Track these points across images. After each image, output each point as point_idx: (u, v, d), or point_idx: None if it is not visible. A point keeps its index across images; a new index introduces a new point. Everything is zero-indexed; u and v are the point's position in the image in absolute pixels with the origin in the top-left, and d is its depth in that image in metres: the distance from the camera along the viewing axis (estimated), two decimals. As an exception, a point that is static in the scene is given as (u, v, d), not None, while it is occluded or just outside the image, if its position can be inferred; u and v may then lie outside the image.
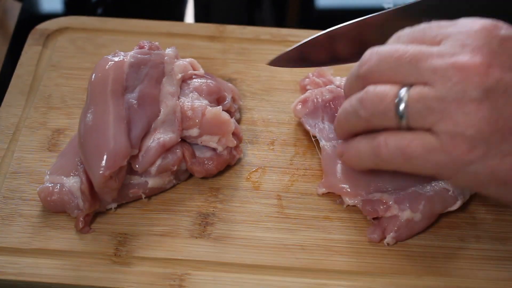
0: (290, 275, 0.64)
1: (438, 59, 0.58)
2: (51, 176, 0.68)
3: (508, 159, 0.57)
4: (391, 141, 0.60)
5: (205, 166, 0.69)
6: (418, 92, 0.58)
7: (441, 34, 0.60)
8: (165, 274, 0.64)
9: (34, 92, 0.78)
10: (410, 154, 0.59)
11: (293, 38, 0.85)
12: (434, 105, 0.58)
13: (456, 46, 0.58)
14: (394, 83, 0.60)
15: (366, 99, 0.61)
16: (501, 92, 0.57)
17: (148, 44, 0.73)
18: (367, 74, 0.62)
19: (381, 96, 0.60)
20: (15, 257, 0.65)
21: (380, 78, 0.61)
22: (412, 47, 0.60)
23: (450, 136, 0.57)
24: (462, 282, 0.64)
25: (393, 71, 0.60)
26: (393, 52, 0.60)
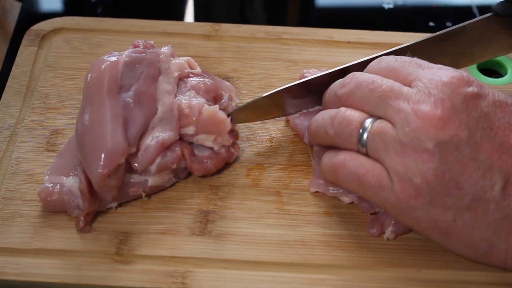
0: (292, 270, 0.64)
1: (404, 102, 0.61)
2: (50, 176, 0.68)
3: (450, 212, 0.60)
4: (349, 164, 0.63)
5: (204, 164, 0.69)
6: (380, 127, 0.61)
7: (414, 74, 0.63)
8: (167, 272, 0.64)
9: (30, 92, 0.78)
10: (364, 184, 0.62)
11: (288, 36, 0.86)
12: (391, 143, 0.60)
13: (423, 93, 0.61)
14: (364, 111, 0.63)
15: (336, 119, 0.64)
16: (453, 148, 0.59)
17: (142, 43, 0.73)
18: (343, 96, 0.65)
19: (348, 120, 0.63)
20: (16, 258, 0.64)
21: (354, 103, 0.64)
22: (386, 82, 0.63)
23: (399, 178, 0.60)
24: (462, 275, 0.64)
25: (365, 100, 0.63)
26: (369, 82, 0.63)
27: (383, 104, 0.62)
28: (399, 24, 0.90)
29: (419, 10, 0.96)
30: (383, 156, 0.61)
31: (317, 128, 0.67)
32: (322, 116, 0.67)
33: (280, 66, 0.82)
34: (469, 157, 0.59)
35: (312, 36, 0.86)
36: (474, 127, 0.60)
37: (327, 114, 0.66)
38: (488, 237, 0.60)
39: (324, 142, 0.67)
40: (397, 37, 0.86)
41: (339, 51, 0.84)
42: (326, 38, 0.85)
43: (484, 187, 0.59)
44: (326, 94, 0.69)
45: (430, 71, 0.63)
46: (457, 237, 0.61)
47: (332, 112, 0.65)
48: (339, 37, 0.86)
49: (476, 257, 0.62)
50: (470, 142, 0.59)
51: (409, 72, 0.63)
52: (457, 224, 0.60)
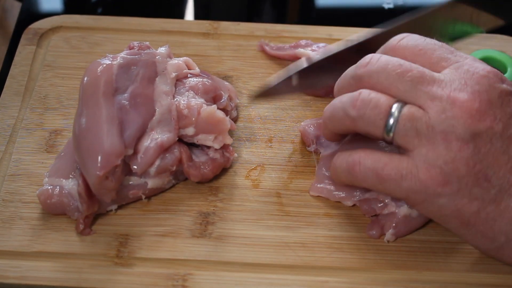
0: (292, 273, 0.64)
1: (438, 88, 0.60)
2: (50, 179, 0.68)
3: (475, 203, 0.60)
4: (366, 161, 0.62)
5: (201, 170, 0.69)
6: (412, 112, 0.60)
7: (448, 60, 0.62)
8: (168, 274, 0.64)
9: (29, 92, 0.78)
10: (384, 177, 0.61)
11: (288, 33, 0.85)
12: (423, 130, 0.59)
13: (458, 82, 0.60)
14: (390, 95, 0.61)
15: (359, 100, 0.62)
16: (487, 140, 0.59)
17: (137, 45, 0.73)
18: (365, 76, 0.63)
19: (375, 102, 0.61)
20: (17, 261, 0.64)
21: (377, 85, 0.62)
22: (416, 67, 0.61)
23: (428, 165, 0.59)
24: (462, 277, 0.64)
25: (392, 84, 0.61)
26: (396, 66, 0.61)
27: (414, 89, 0.60)
28: (399, 24, 0.90)
29: (419, 10, 0.96)
30: (414, 142, 0.60)
31: (333, 111, 0.64)
32: (339, 100, 0.64)
33: (279, 65, 0.82)
34: (501, 151, 0.59)
35: (311, 34, 0.85)
36: (507, 122, 0.60)
37: (345, 96, 0.63)
38: (508, 231, 0.60)
39: (341, 126, 0.64)
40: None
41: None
42: (325, 36, 0.85)
43: (510, 181, 0.59)
44: (338, 82, 0.66)
45: (465, 60, 0.62)
46: (477, 228, 0.60)
47: (353, 94, 0.62)
48: (339, 35, 0.85)
49: (491, 250, 0.62)
50: (503, 136, 0.59)
51: (441, 57, 0.62)
52: (480, 216, 0.60)
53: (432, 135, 0.59)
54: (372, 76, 0.62)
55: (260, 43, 0.83)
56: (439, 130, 0.59)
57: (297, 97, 0.78)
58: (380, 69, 0.62)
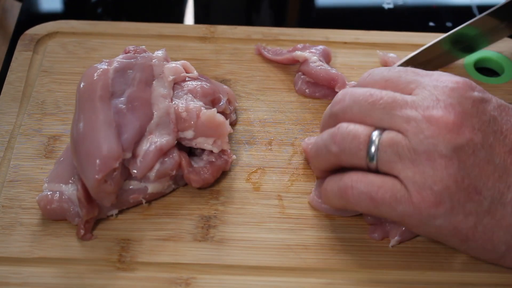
0: (295, 275, 0.64)
1: (412, 110, 0.60)
2: (49, 184, 0.68)
3: (471, 218, 0.59)
4: (358, 184, 0.61)
5: (202, 175, 0.69)
6: (391, 138, 0.60)
7: (415, 82, 0.62)
8: (170, 278, 0.63)
9: (27, 98, 0.78)
10: (378, 201, 0.61)
11: (285, 37, 0.86)
12: (405, 153, 0.59)
13: (430, 99, 0.60)
14: (367, 125, 0.62)
15: (338, 135, 0.62)
16: (470, 152, 0.59)
17: (133, 48, 0.73)
18: (339, 113, 0.63)
19: (353, 134, 0.61)
20: (18, 267, 0.64)
21: (353, 118, 0.62)
22: (386, 93, 0.62)
23: (418, 188, 0.59)
24: (466, 277, 0.64)
25: (366, 114, 0.62)
26: (367, 96, 0.62)
27: (388, 115, 0.60)
28: (399, 24, 0.90)
29: (419, 10, 0.96)
30: (398, 167, 0.59)
31: (317, 150, 0.65)
32: (320, 138, 0.65)
33: (277, 67, 0.82)
34: (485, 161, 0.59)
35: (308, 37, 0.85)
36: (486, 130, 0.59)
37: (325, 133, 0.64)
38: (507, 240, 0.60)
39: (326, 163, 0.65)
40: (394, 37, 0.86)
41: (336, 52, 0.83)
42: (322, 39, 0.85)
43: (501, 190, 0.59)
44: (321, 121, 0.68)
45: (431, 77, 0.62)
46: (476, 242, 0.60)
47: (331, 130, 0.63)
48: (335, 38, 0.85)
49: (493, 259, 0.62)
50: (484, 145, 0.59)
51: (408, 81, 0.62)
52: (477, 230, 0.60)
53: (415, 157, 0.59)
54: (346, 111, 0.63)
55: (257, 47, 0.83)
56: (421, 151, 0.59)
57: (295, 100, 0.78)
58: (353, 102, 0.62)
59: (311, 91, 0.79)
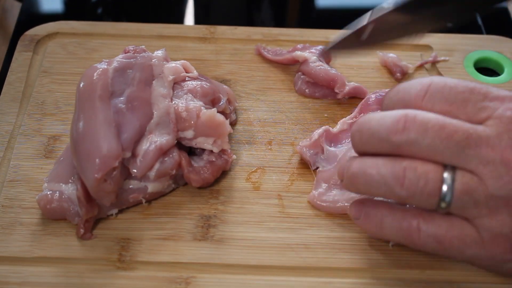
0: (295, 274, 0.64)
1: (489, 150, 0.55)
2: (49, 184, 0.68)
3: None
4: (425, 227, 0.58)
5: (202, 175, 0.69)
6: (466, 184, 0.56)
7: (486, 110, 0.56)
8: (170, 278, 0.63)
9: (27, 98, 0.78)
10: (447, 245, 0.58)
11: (285, 37, 0.86)
12: (481, 200, 0.56)
13: (505, 135, 0.55)
14: (435, 161, 0.56)
15: (405, 178, 0.56)
16: None
17: (133, 48, 0.73)
18: (403, 145, 0.57)
19: (424, 179, 0.56)
20: (18, 266, 0.64)
21: (418, 153, 0.56)
22: (459, 126, 0.56)
23: (493, 235, 0.56)
24: (465, 275, 0.64)
25: (436, 151, 0.56)
26: (439, 127, 0.56)
27: (462, 153, 0.55)
28: (398, 25, 0.90)
29: (419, 10, 0.96)
30: (473, 213, 0.56)
31: (370, 183, 0.58)
32: (376, 170, 0.57)
33: (277, 68, 0.82)
34: None
35: (308, 38, 0.85)
36: None
37: (384, 168, 0.57)
38: None
39: (380, 196, 0.59)
40: (393, 37, 0.86)
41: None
42: (322, 39, 0.85)
43: None
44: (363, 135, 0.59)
45: (503, 104, 0.56)
46: None
47: (395, 168, 0.57)
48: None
49: None
50: None
51: (478, 108, 0.56)
52: None
53: (492, 204, 0.55)
54: (412, 145, 0.56)
55: (257, 47, 0.83)
56: (499, 198, 0.55)
57: (295, 100, 0.79)
58: (420, 135, 0.56)
59: (311, 91, 0.79)
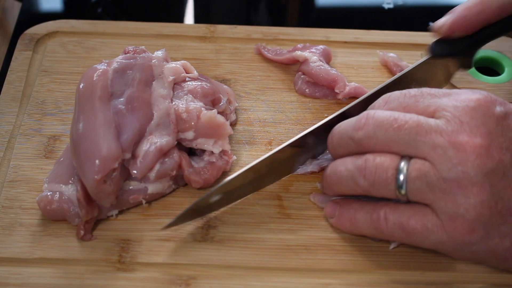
0: (295, 275, 0.64)
1: (437, 135, 0.58)
2: (49, 184, 0.68)
3: (507, 239, 0.59)
4: (390, 216, 0.61)
5: (202, 176, 0.69)
6: (419, 169, 0.58)
7: (434, 104, 0.61)
8: (170, 279, 0.63)
9: (27, 98, 0.78)
10: (410, 231, 0.60)
11: (285, 36, 0.85)
12: (434, 183, 0.58)
13: (453, 123, 0.58)
14: (392, 152, 0.60)
15: (366, 169, 0.61)
16: (501, 175, 0.57)
17: (133, 49, 0.73)
18: (363, 140, 0.62)
19: (381, 168, 0.60)
20: (18, 267, 0.64)
21: (377, 145, 0.61)
22: (410, 117, 0.60)
23: (450, 217, 0.58)
24: (465, 277, 0.64)
25: (392, 140, 0.60)
26: (391, 120, 0.60)
27: (414, 142, 0.59)
28: (399, 24, 0.90)
29: (419, 10, 0.96)
30: (429, 197, 0.58)
31: (340, 180, 0.63)
32: (343, 167, 0.63)
33: (277, 67, 0.82)
34: None
35: (308, 37, 0.85)
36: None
37: (350, 163, 0.62)
38: None
39: (351, 192, 0.63)
40: (394, 36, 0.86)
41: (336, 51, 0.83)
42: (322, 38, 0.85)
43: None
44: (334, 138, 0.65)
45: (449, 98, 0.60)
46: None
47: (358, 161, 0.62)
48: (336, 37, 0.85)
49: None
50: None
51: (426, 104, 0.61)
52: None
53: (445, 186, 0.57)
54: (370, 138, 0.61)
55: (257, 46, 0.83)
56: (451, 180, 0.57)
57: (295, 100, 0.78)
58: (376, 127, 0.61)
59: (311, 91, 0.79)
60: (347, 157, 0.63)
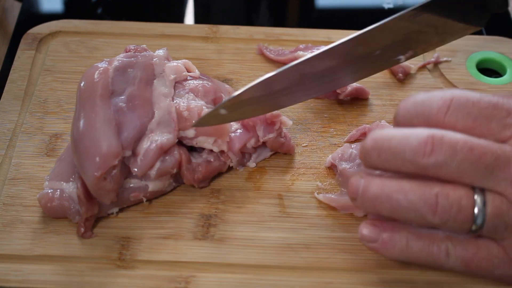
0: (295, 274, 0.64)
1: None
2: (50, 182, 0.68)
3: None
4: (453, 251, 0.59)
5: (195, 174, 0.69)
6: (498, 208, 0.56)
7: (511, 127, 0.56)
8: (171, 277, 0.64)
9: (29, 97, 0.78)
10: (474, 267, 0.59)
11: (287, 37, 0.86)
12: (510, 220, 0.56)
13: None
14: (463, 183, 0.56)
15: (438, 206, 0.56)
16: None
17: (134, 47, 0.73)
18: (430, 168, 0.55)
19: (458, 206, 0.56)
20: (18, 264, 0.64)
21: (446, 175, 0.56)
22: (488, 148, 0.55)
23: None
24: (465, 276, 0.64)
25: (465, 173, 0.55)
26: (468, 149, 0.55)
27: (492, 176, 0.55)
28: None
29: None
30: (504, 234, 0.57)
31: (397, 209, 0.57)
32: (404, 196, 0.56)
33: (279, 67, 0.81)
34: None
35: (310, 37, 0.85)
36: None
37: (413, 194, 0.56)
38: None
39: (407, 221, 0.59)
40: (396, 37, 0.85)
41: (338, 52, 0.83)
42: (324, 39, 0.85)
43: None
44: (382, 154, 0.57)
45: None
46: None
47: (425, 194, 0.56)
48: (338, 38, 0.84)
49: None
50: None
51: (502, 125, 0.56)
52: None
53: None
54: (441, 167, 0.55)
55: (259, 47, 0.83)
56: None
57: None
58: (449, 158, 0.55)
59: (313, 91, 0.79)
60: (405, 182, 0.57)
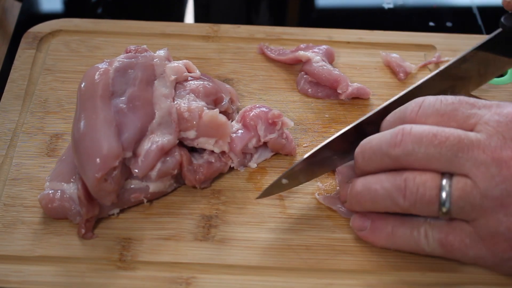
0: (296, 275, 0.64)
1: (480, 152, 0.57)
2: (51, 183, 0.68)
3: None
4: (430, 233, 0.61)
5: (196, 175, 0.69)
6: (462, 188, 0.58)
7: (475, 116, 0.59)
8: (171, 278, 0.64)
9: (29, 96, 0.78)
10: (449, 247, 0.60)
11: (288, 36, 0.85)
12: (477, 202, 0.57)
13: (496, 138, 0.57)
14: (431, 169, 0.59)
15: (406, 189, 0.59)
16: None
17: (134, 48, 0.73)
18: (401, 157, 0.60)
19: (423, 188, 0.59)
20: (19, 265, 0.64)
21: (416, 162, 0.59)
22: (450, 133, 0.58)
23: (491, 234, 0.58)
24: (466, 277, 0.64)
25: (432, 158, 0.58)
26: (431, 137, 0.58)
27: (455, 159, 0.57)
28: (399, 24, 0.90)
29: (419, 10, 0.96)
30: (471, 215, 0.58)
31: (375, 198, 0.61)
32: (380, 185, 0.61)
33: (280, 67, 0.82)
34: None
35: (311, 37, 0.85)
36: None
37: (387, 182, 0.60)
38: None
39: (386, 210, 0.62)
40: (396, 37, 0.86)
41: (339, 51, 0.83)
42: (325, 38, 0.85)
43: None
44: (366, 153, 0.62)
45: (491, 110, 0.59)
46: None
47: (396, 180, 0.60)
48: (339, 37, 0.85)
49: None
50: None
51: (466, 115, 0.59)
52: None
53: (487, 204, 0.57)
54: (409, 154, 0.59)
55: (260, 46, 0.83)
56: (493, 198, 0.57)
57: (298, 99, 0.78)
58: (414, 144, 0.59)
59: (314, 91, 0.79)
60: (382, 174, 0.61)
